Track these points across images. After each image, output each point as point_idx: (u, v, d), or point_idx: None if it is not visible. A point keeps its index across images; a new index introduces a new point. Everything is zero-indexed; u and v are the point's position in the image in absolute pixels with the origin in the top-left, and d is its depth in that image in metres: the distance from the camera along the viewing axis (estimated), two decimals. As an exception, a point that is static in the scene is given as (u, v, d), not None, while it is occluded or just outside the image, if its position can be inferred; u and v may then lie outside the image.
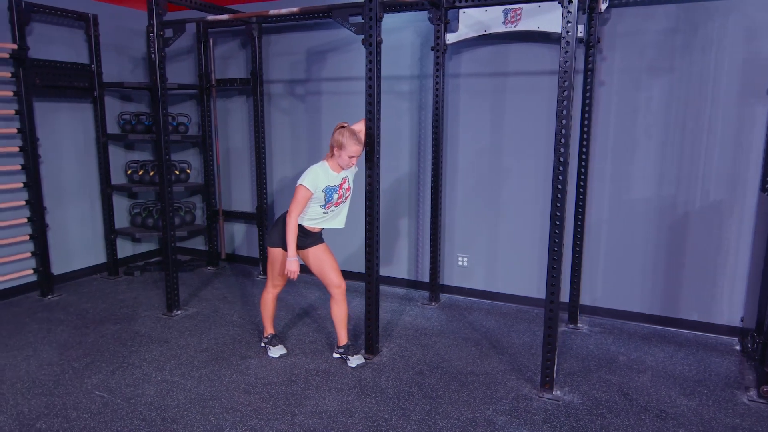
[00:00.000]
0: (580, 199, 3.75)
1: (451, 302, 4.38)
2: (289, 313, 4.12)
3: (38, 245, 4.39)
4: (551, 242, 2.82)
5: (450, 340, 3.66)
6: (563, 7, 2.62)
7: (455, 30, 3.96)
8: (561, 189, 2.76)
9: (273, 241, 3.18)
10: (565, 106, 2.69)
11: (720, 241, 3.62)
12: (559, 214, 2.78)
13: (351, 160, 3.05)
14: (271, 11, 3.37)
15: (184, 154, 5.46)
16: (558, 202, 2.78)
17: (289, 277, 3.13)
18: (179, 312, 4.11)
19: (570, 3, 2.60)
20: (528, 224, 4.14)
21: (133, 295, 4.52)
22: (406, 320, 4.00)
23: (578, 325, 3.88)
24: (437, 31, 3.94)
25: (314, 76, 4.73)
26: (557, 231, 2.80)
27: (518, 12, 3.75)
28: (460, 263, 4.44)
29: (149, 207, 5.11)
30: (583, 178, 3.73)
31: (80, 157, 4.82)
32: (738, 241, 3.58)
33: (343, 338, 3.32)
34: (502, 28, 3.82)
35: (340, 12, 3.19)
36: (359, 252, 4.72)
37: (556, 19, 3.61)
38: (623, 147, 3.79)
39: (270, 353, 3.40)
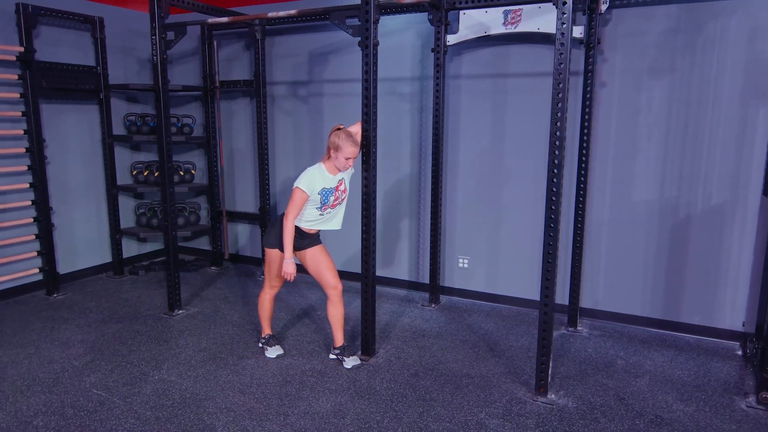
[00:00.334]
0: (580, 200, 3.72)
1: (451, 304, 4.37)
2: (288, 314, 4.14)
3: (44, 245, 4.46)
4: (545, 245, 2.80)
5: (447, 342, 3.65)
6: (558, 8, 2.60)
7: (455, 31, 3.95)
8: (555, 191, 2.74)
9: (270, 243, 3.20)
10: (559, 108, 2.68)
11: (722, 243, 3.57)
12: (554, 217, 2.77)
13: (347, 162, 3.06)
14: (269, 14, 3.39)
15: (190, 155, 5.51)
16: (552, 205, 2.76)
17: (286, 279, 3.15)
18: (180, 311, 4.15)
19: (564, 4, 2.59)
20: (529, 226, 4.12)
21: (137, 295, 4.57)
22: (405, 322, 3.99)
23: (578, 328, 3.85)
24: (437, 32, 3.94)
25: (316, 77, 4.75)
26: (552, 234, 2.78)
27: (518, 13, 3.73)
28: (460, 265, 4.43)
29: (154, 207, 5.17)
30: (583, 180, 3.70)
31: (87, 158, 4.89)
32: (740, 244, 3.52)
33: (339, 339, 3.33)
34: (503, 30, 3.80)
35: (337, 14, 3.20)
36: (360, 254, 4.72)
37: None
38: (624, 148, 3.75)
39: (267, 353, 3.42)
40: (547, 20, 3.66)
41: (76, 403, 2.86)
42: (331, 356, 3.38)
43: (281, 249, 3.15)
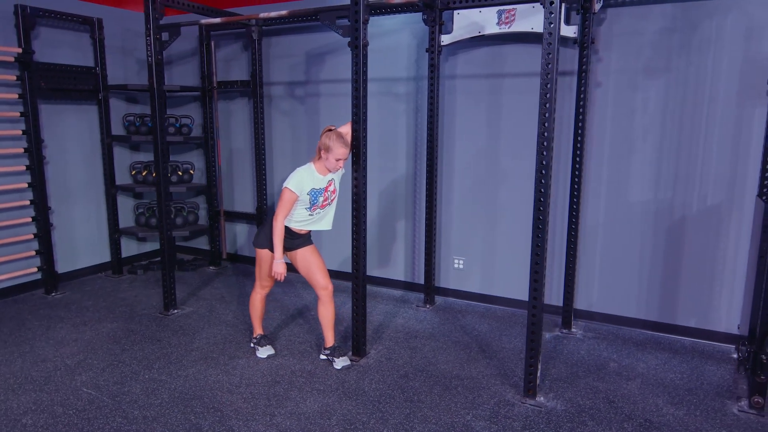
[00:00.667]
0: (574, 201, 3.69)
1: (447, 305, 4.35)
2: (283, 314, 4.15)
3: (42, 244, 4.51)
4: (534, 246, 2.78)
5: (440, 343, 3.64)
6: (545, 8, 2.58)
7: (450, 31, 3.94)
8: (544, 192, 2.72)
9: (260, 243, 3.21)
10: (547, 108, 2.66)
11: (718, 245, 3.53)
12: (542, 218, 2.75)
13: (338, 163, 3.05)
14: (261, 14, 3.40)
15: (189, 155, 5.53)
16: (541, 206, 2.74)
17: (276, 279, 3.16)
18: (176, 311, 4.17)
19: (551, 4, 2.57)
20: (524, 227, 4.09)
21: (134, 294, 4.60)
22: (399, 322, 3.99)
23: (572, 329, 3.82)
24: (432, 32, 3.92)
25: (313, 78, 4.75)
26: (540, 235, 2.76)
27: (512, 13, 3.71)
28: (456, 266, 4.41)
29: (153, 207, 5.20)
30: (577, 181, 3.67)
31: (86, 157, 4.92)
32: (736, 246, 3.48)
33: (329, 340, 3.33)
34: (497, 29, 3.78)
35: (327, 15, 3.20)
36: (356, 253, 4.72)
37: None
38: (619, 149, 3.72)
39: (258, 353, 3.43)
40: (541, 20, 3.62)
41: (65, 401, 2.89)
42: (322, 357, 3.38)
43: (271, 249, 3.16)
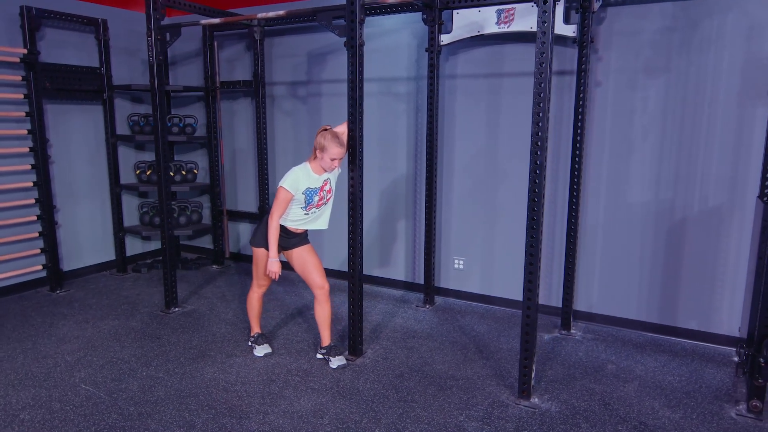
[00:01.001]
0: (574, 201, 3.67)
1: (446, 305, 4.34)
2: (282, 313, 4.17)
3: (47, 242, 4.57)
4: (528, 246, 2.77)
5: (437, 343, 3.63)
6: (538, 7, 2.57)
7: (449, 31, 3.93)
8: (537, 192, 2.71)
9: (257, 242, 3.23)
10: (541, 108, 2.64)
11: (719, 246, 3.49)
12: (536, 219, 2.73)
13: (333, 162, 3.06)
14: (258, 15, 3.42)
15: (193, 155, 5.57)
16: (535, 206, 2.73)
17: (271, 278, 3.18)
18: (177, 309, 4.21)
19: (545, 3, 2.55)
20: (524, 228, 4.05)
21: (137, 292, 4.65)
22: (397, 322, 3.98)
23: (571, 331, 3.80)
24: (431, 32, 3.92)
25: (315, 77, 4.76)
26: (534, 236, 2.75)
27: (511, 12, 3.69)
28: (456, 266, 4.40)
29: (156, 206, 5.24)
30: (576, 181, 3.65)
31: (91, 157, 4.98)
32: (738, 248, 3.43)
33: (326, 339, 3.34)
34: (496, 29, 3.76)
35: (323, 15, 3.21)
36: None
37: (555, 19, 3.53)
38: (619, 149, 3.69)
39: (255, 352, 3.45)
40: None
41: (63, 397, 2.92)
42: (318, 356, 3.39)
43: (267, 248, 3.17)
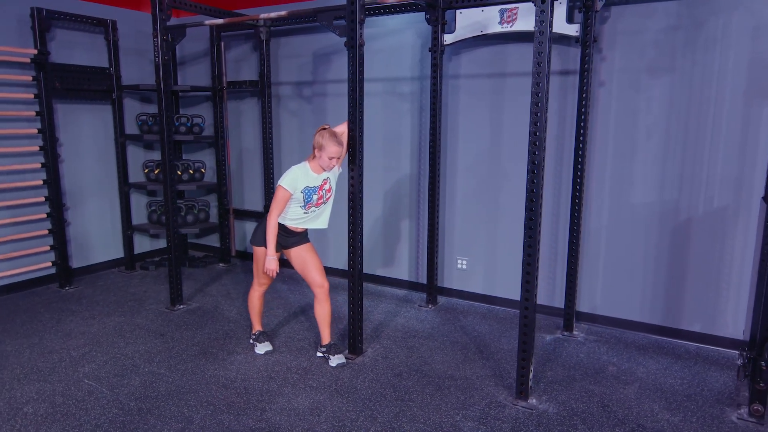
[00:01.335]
0: (576, 202, 3.65)
1: (449, 305, 4.34)
2: (285, 311, 4.20)
3: (57, 239, 4.64)
4: (525, 246, 2.76)
5: (438, 343, 3.63)
6: (536, 7, 2.56)
7: (452, 31, 3.92)
8: (535, 193, 2.70)
9: (257, 241, 3.25)
10: (539, 108, 2.64)
11: (724, 248, 3.44)
12: (534, 219, 2.72)
13: (331, 161, 3.07)
14: (261, 15, 3.45)
15: (201, 154, 5.63)
16: (532, 206, 2.72)
17: (270, 276, 3.20)
18: (181, 306, 4.26)
19: (543, 3, 2.54)
20: (527, 228, 4.05)
21: (144, 289, 4.71)
22: (399, 322, 3.99)
23: (574, 332, 3.78)
24: (434, 32, 3.92)
25: (320, 77, 4.79)
26: (531, 236, 2.74)
27: (514, 12, 3.68)
28: (459, 266, 4.40)
29: (164, 204, 5.30)
30: (579, 181, 3.62)
31: (100, 156, 5.06)
32: (743, 250, 3.39)
33: (326, 337, 3.35)
34: (499, 29, 3.75)
35: (324, 15, 3.23)
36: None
37: (554, 19, 3.51)
38: (623, 149, 3.66)
39: (256, 350, 3.48)
40: (544, 19, 3.59)
41: (66, 391, 2.98)
42: (318, 354, 3.41)
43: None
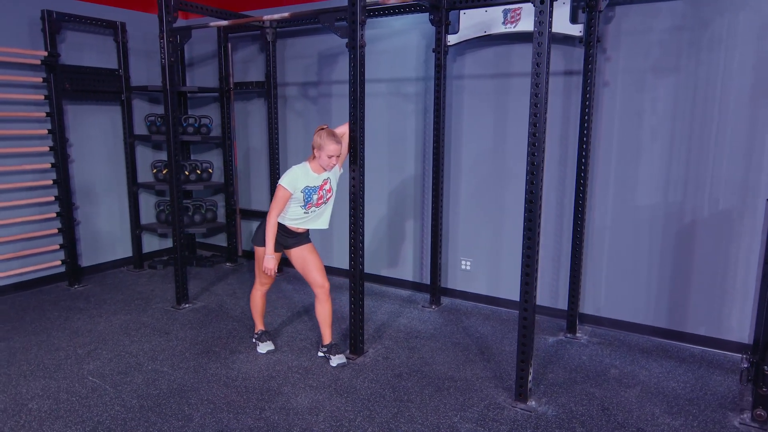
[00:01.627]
0: (580, 204, 3.62)
1: (453, 306, 4.33)
2: (289, 311, 4.22)
3: (66, 238, 4.72)
4: (524, 248, 2.75)
5: (439, 344, 3.63)
6: (535, 7, 2.55)
7: (456, 31, 3.92)
8: (534, 194, 2.69)
9: (258, 241, 3.28)
10: (538, 109, 2.62)
11: (730, 251, 3.40)
12: (533, 220, 2.71)
13: (330, 159, 3.09)
14: (264, 17, 3.47)
15: (209, 155, 5.68)
16: (531, 207, 2.71)
17: (267, 274, 3.22)
18: (187, 305, 4.30)
19: (542, 3, 2.53)
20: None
21: (151, 288, 4.76)
22: (402, 322, 3.99)
23: (577, 334, 3.75)
24: (438, 32, 3.91)
25: (325, 78, 4.81)
26: (530, 237, 2.73)
27: (518, 12, 3.67)
28: (463, 267, 4.39)
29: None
30: (583, 182, 3.60)
31: (109, 156, 5.13)
32: (749, 252, 3.34)
33: (327, 337, 3.37)
34: (502, 29, 3.74)
35: (326, 17, 3.24)
36: (366, 252, 4.76)
37: (558, 19, 3.50)
38: (627, 150, 3.63)
39: (258, 349, 3.50)
40: (547, 19, 3.57)
41: (71, 388, 3.02)
42: (320, 354, 3.43)
43: (268, 246, 3.22)
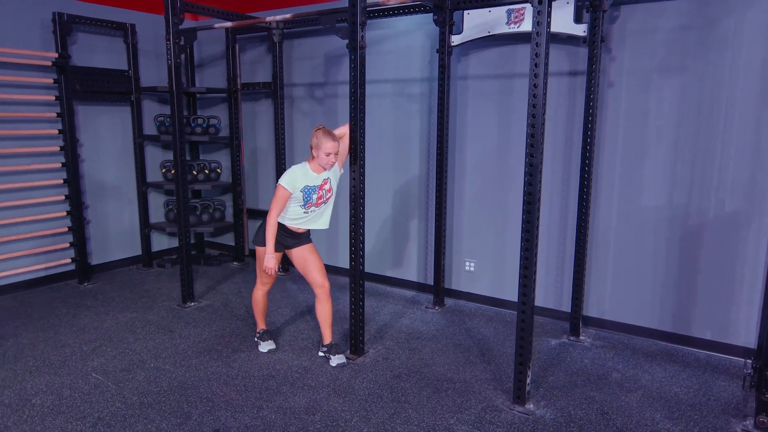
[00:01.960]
0: (584, 205, 3.59)
1: (456, 307, 4.32)
2: (292, 310, 4.24)
3: (76, 237, 4.79)
4: (522, 249, 2.73)
5: (440, 345, 3.62)
6: (533, 7, 2.53)
7: (460, 32, 3.90)
8: (531, 195, 2.67)
9: (259, 241, 3.29)
10: (536, 110, 2.61)
11: (736, 254, 3.34)
12: (531, 221, 2.69)
13: (329, 157, 3.09)
14: (267, 18, 3.50)
15: (217, 155, 5.73)
16: (529, 209, 2.69)
17: (267, 273, 3.24)
18: (192, 304, 4.34)
19: (540, 3, 2.51)
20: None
21: (158, 286, 4.82)
22: (404, 323, 3.99)
23: (580, 337, 3.71)
24: (441, 33, 3.90)
25: (331, 79, 4.82)
26: (528, 239, 2.71)
27: (521, 12, 3.64)
28: (467, 268, 4.37)
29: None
30: (586, 184, 3.56)
31: (119, 156, 5.20)
32: (756, 255, 3.28)
33: (327, 337, 3.38)
34: (506, 29, 3.72)
35: (327, 18, 3.25)
36: (370, 254, 4.76)
37: (562, 19, 3.48)
38: (632, 152, 3.58)
39: (260, 348, 3.53)
40: (552, 18, 3.54)
41: (74, 384, 3.07)
42: (320, 354, 3.44)
43: (269, 246, 3.24)
